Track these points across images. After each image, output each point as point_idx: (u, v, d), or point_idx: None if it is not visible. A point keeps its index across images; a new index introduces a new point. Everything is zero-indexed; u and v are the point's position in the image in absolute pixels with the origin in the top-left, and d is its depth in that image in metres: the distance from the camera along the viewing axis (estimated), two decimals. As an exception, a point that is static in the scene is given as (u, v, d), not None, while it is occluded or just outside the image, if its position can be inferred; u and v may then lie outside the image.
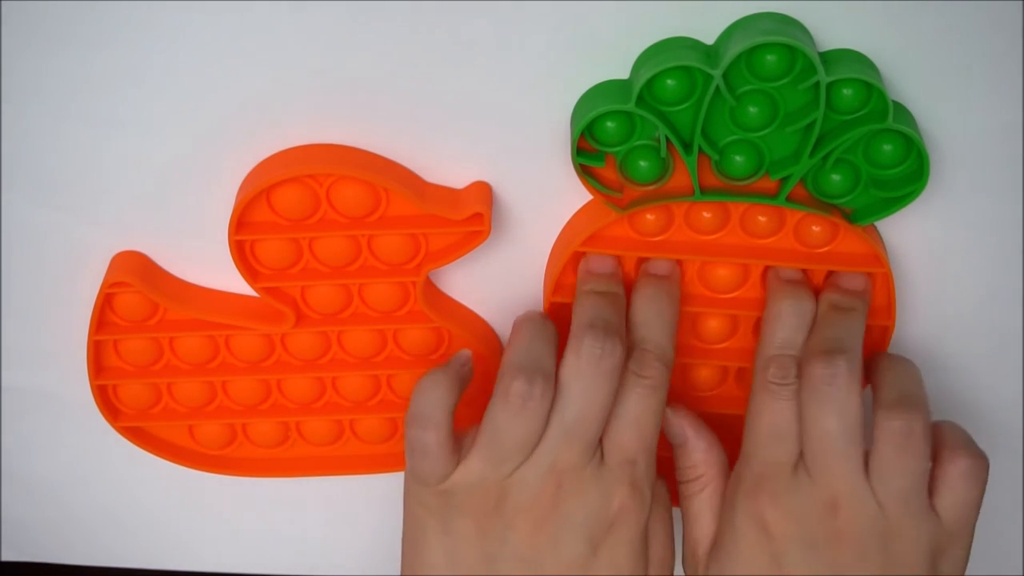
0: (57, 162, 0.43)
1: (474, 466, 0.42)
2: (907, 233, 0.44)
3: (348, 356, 0.47)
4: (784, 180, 0.41)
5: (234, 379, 0.48)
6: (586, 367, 0.41)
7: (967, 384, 0.49)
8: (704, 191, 0.41)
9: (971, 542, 0.42)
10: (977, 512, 0.42)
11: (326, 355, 0.47)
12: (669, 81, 0.39)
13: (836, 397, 0.40)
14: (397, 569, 0.58)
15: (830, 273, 0.44)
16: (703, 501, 0.44)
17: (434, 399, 0.42)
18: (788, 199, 0.41)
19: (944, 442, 0.41)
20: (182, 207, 0.44)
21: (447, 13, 0.39)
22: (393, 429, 0.49)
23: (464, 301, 0.47)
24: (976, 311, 0.46)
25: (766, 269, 0.44)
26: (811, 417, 0.41)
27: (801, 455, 0.41)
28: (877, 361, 0.44)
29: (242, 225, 0.42)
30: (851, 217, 0.42)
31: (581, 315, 0.42)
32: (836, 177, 0.41)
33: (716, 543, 0.43)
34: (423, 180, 0.43)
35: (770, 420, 0.41)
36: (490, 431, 0.41)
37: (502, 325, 0.48)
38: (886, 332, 0.45)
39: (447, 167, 0.43)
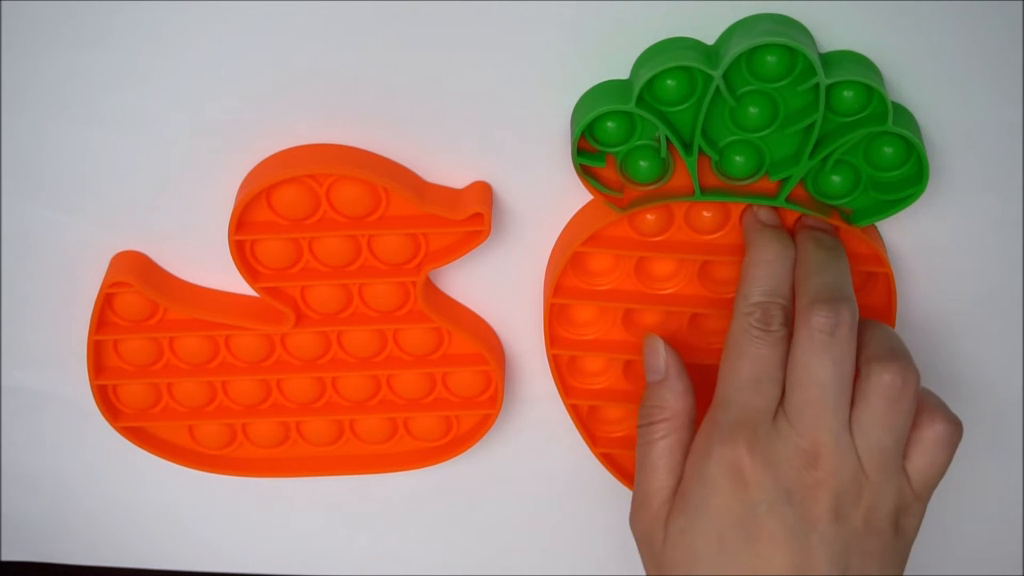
0: (57, 162, 0.43)
1: None
2: (907, 233, 0.44)
3: (348, 356, 0.47)
4: (784, 181, 0.41)
5: (234, 379, 0.48)
6: None
7: (967, 384, 0.49)
8: (704, 191, 0.41)
9: (927, 503, 0.41)
10: (942, 477, 0.41)
11: (326, 355, 0.47)
12: (669, 81, 0.39)
13: (835, 347, 0.39)
14: (397, 569, 0.58)
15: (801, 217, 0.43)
16: (663, 449, 0.42)
17: None
18: (788, 200, 0.41)
19: (921, 406, 0.41)
20: (182, 207, 0.44)
21: (447, 13, 0.39)
22: (393, 429, 0.49)
23: (464, 301, 0.47)
24: (976, 311, 0.46)
25: (744, 209, 0.43)
26: (804, 366, 0.39)
27: (782, 403, 0.40)
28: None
29: (242, 225, 0.42)
30: (850, 218, 0.42)
31: None
32: (836, 178, 0.41)
33: (682, 493, 0.41)
34: (423, 180, 0.43)
35: (752, 366, 0.40)
36: None
37: (502, 325, 0.48)
38: (886, 332, 0.45)
39: (447, 167, 0.43)
